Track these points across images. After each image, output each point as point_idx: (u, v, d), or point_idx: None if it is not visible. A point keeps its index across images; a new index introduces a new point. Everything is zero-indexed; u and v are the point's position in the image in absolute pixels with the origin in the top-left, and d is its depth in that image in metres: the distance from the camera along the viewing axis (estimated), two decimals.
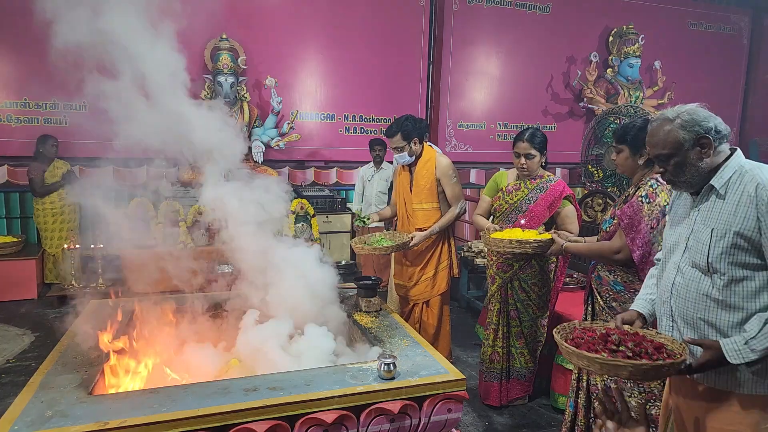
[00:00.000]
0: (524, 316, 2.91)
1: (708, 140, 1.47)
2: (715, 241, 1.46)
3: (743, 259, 1.43)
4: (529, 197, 2.82)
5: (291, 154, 5.98)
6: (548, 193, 2.78)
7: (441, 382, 1.93)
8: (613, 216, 2.22)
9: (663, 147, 1.51)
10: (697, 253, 1.51)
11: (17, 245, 4.83)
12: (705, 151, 1.48)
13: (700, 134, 1.47)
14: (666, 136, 1.50)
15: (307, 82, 6.08)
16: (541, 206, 2.79)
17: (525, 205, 2.82)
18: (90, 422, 1.59)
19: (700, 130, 1.47)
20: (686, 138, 1.48)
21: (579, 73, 6.89)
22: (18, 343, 3.78)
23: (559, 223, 2.82)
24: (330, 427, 1.76)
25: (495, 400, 2.99)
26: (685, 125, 1.48)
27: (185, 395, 1.76)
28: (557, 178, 2.84)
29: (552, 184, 2.80)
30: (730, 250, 1.44)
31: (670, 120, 1.50)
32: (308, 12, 5.92)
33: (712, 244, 1.47)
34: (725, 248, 1.44)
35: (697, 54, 7.60)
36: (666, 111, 1.55)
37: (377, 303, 2.77)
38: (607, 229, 2.25)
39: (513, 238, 2.46)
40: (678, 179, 1.53)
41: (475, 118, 6.80)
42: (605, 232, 2.26)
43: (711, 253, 1.47)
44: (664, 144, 1.51)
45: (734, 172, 1.48)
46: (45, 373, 1.94)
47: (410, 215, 3.18)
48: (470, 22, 6.55)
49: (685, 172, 1.51)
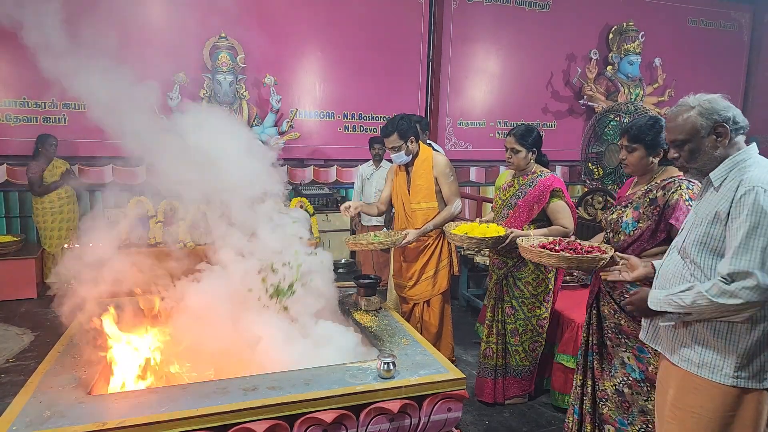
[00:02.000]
0: (519, 314, 2.90)
1: (725, 129, 1.50)
2: (694, 227, 1.55)
3: (713, 246, 1.50)
4: (519, 193, 2.83)
5: (290, 152, 5.97)
6: (536, 188, 2.77)
7: (441, 381, 1.93)
8: (637, 219, 2.08)
9: (680, 132, 1.55)
10: (680, 239, 1.61)
11: (17, 244, 4.82)
12: (720, 140, 1.51)
13: (718, 122, 1.50)
14: (684, 122, 1.54)
15: (306, 81, 6.07)
16: (528, 201, 2.79)
17: (515, 201, 2.84)
18: (88, 422, 1.59)
19: (718, 118, 1.50)
20: (703, 125, 1.51)
21: (579, 71, 6.87)
22: (18, 343, 3.78)
23: (551, 219, 2.79)
24: (329, 427, 1.76)
25: (488, 396, 2.99)
26: (704, 112, 1.51)
27: (184, 395, 1.76)
28: (549, 174, 2.82)
29: (541, 179, 2.78)
30: (703, 238, 1.51)
31: (691, 107, 1.54)
32: (307, 10, 5.90)
33: (690, 230, 1.56)
34: (699, 235, 1.52)
35: (697, 51, 7.58)
36: (687, 98, 1.58)
37: (376, 302, 2.76)
38: (631, 233, 2.10)
39: (468, 233, 2.63)
40: (690, 165, 1.57)
41: (474, 115, 6.79)
42: (628, 235, 2.10)
43: (686, 238, 1.57)
44: (681, 129, 1.54)
45: (734, 167, 1.49)
46: (44, 373, 1.94)
47: (409, 215, 3.16)
48: (470, 20, 6.53)
49: (698, 159, 1.54)
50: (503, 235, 2.64)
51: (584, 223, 4.41)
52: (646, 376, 2.10)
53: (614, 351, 2.20)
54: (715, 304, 1.42)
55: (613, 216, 2.21)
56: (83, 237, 2.52)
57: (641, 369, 2.12)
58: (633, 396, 2.15)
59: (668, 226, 2.01)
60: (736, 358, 1.48)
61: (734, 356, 1.48)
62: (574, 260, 2.07)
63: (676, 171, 2.07)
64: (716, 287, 1.42)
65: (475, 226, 2.73)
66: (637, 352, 2.12)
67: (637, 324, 2.09)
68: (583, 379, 2.32)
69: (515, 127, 2.83)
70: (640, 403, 2.13)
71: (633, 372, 2.14)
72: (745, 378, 1.48)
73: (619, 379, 2.18)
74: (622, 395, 2.18)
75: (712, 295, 1.42)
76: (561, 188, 2.76)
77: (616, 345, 2.19)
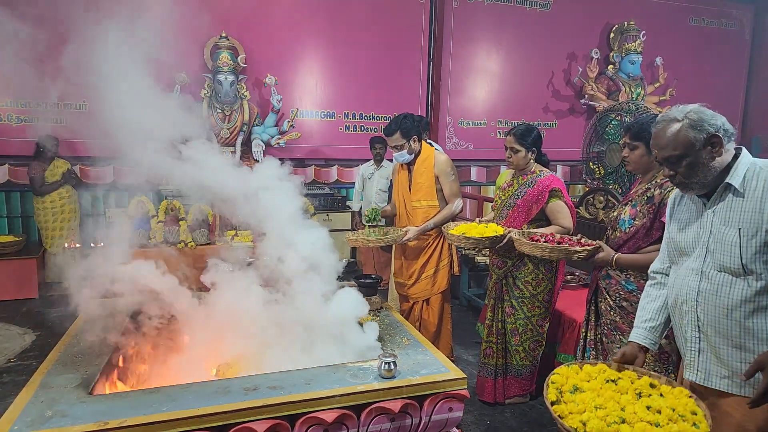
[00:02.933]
0: (519, 313, 2.89)
1: (719, 139, 1.43)
2: (746, 240, 1.41)
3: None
4: (518, 192, 2.83)
5: (291, 152, 5.97)
6: (535, 188, 2.77)
7: (442, 381, 1.92)
8: (633, 216, 2.13)
9: (674, 148, 1.46)
10: (726, 256, 1.44)
11: (18, 244, 4.83)
12: (716, 150, 1.44)
13: (711, 133, 1.43)
14: (676, 136, 1.45)
15: (307, 80, 6.07)
16: (527, 201, 2.78)
17: (514, 201, 2.84)
18: (90, 422, 1.59)
19: (710, 128, 1.43)
20: (697, 137, 1.43)
21: (580, 70, 6.86)
22: (19, 343, 3.79)
23: (551, 219, 2.79)
24: (330, 427, 1.76)
25: (489, 395, 2.99)
26: (695, 125, 1.44)
27: (185, 395, 1.76)
28: (548, 174, 2.81)
29: (540, 179, 2.78)
30: (764, 248, 1.39)
31: (678, 120, 1.46)
32: (308, 10, 5.90)
33: (742, 244, 1.41)
34: (758, 247, 1.40)
35: (698, 50, 7.57)
36: (670, 111, 1.50)
37: (378, 302, 2.76)
38: (626, 230, 2.15)
39: (466, 233, 2.64)
40: (690, 181, 1.48)
41: (475, 115, 6.78)
42: (624, 232, 2.16)
43: (744, 255, 1.41)
44: (675, 145, 1.46)
45: (748, 170, 1.45)
46: (45, 372, 1.94)
47: (410, 213, 3.17)
48: (470, 19, 6.53)
49: (697, 173, 1.46)
50: (501, 234, 2.63)
51: (586, 223, 4.40)
52: None
53: (609, 347, 2.21)
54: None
55: (613, 213, 2.27)
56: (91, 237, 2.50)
57: None
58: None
59: (662, 225, 2.01)
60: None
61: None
62: (562, 251, 2.22)
63: None
64: None
65: (473, 225, 2.73)
66: None
67: (631, 321, 2.09)
68: None
69: (515, 127, 2.84)
70: None
71: None
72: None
73: None
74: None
75: None
76: (560, 188, 2.75)
77: (611, 341, 2.21)
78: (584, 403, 1.43)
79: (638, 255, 2.12)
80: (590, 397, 1.46)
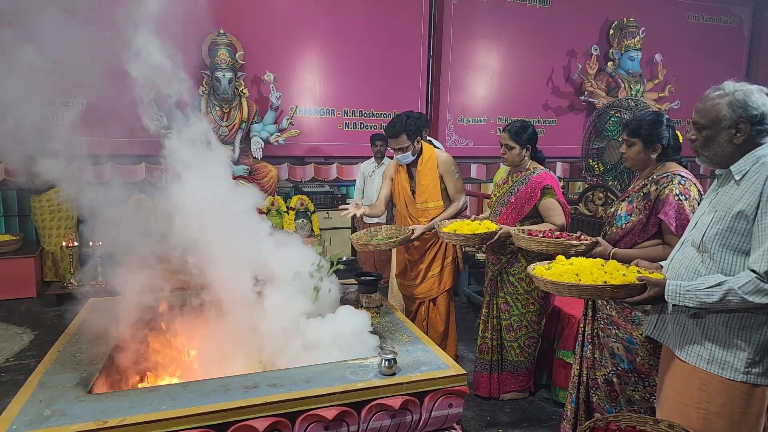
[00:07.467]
0: (513, 309, 2.91)
1: (745, 126, 1.45)
2: (716, 221, 1.49)
3: (735, 243, 1.46)
4: (512, 189, 2.83)
5: (290, 149, 5.95)
6: (527, 185, 2.77)
7: (442, 378, 1.92)
8: (630, 212, 2.13)
9: (703, 116, 1.51)
10: (697, 232, 1.56)
11: (16, 243, 4.82)
12: (738, 136, 1.46)
13: (741, 117, 1.45)
14: (712, 107, 1.49)
15: (306, 77, 6.04)
16: (520, 198, 2.78)
17: (507, 198, 2.84)
18: (89, 421, 1.58)
19: (744, 114, 1.44)
20: (727, 116, 1.46)
21: (579, 67, 6.85)
22: (17, 342, 3.78)
23: (543, 216, 2.77)
24: (331, 424, 1.75)
25: (484, 390, 3.01)
26: (734, 103, 1.45)
27: (185, 393, 1.75)
28: (542, 170, 2.79)
29: (533, 176, 2.77)
30: (725, 232, 1.47)
31: (726, 93, 1.48)
32: (307, 6, 5.88)
33: (711, 224, 1.50)
34: (721, 229, 1.47)
35: (697, 47, 7.56)
36: (728, 83, 1.51)
37: (377, 299, 2.76)
38: (623, 225, 2.15)
39: (457, 231, 2.64)
40: (702, 152, 1.54)
41: (475, 112, 6.77)
42: (620, 228, 2.16)
43: (707, 233, 1.51)
44: (706, 114, 1.50)
45: (755, 162, 1.46)
46: (43, 371, 1.93)
47: (414, 215, 3.14)
48: (470, 16, 6.51)
49: (710, 148, 1.51)
50: (491, 231, 2.61)
51: (585, 219, 4.39)
52: (634, 367, 2.13)
53: (605, 341, 2.23)
54: (747, 302, 1.38)
55: (611, 209, 2.28)
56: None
57: (629, 360, 2.14)
58: (621, 386, 2.18)
59: (658, 221, 2.03)
60: (747, 353, 1.46)
61: (746, 352, 1.46)
62: (560, 245, 2.21)
63: (675, 167, 2.08)
64: (752, 285, 1.37)
65: (466, 222, 2.72)
66: (626, 343, 2.14)
67: (626, 315, 2.12)
68: (580, 369, 2.35)
69: (510, 123, 2.83)
70: (627, 393, 2.17)
71: (622, 362, 2.17)
72: (756, 374, 1.47)
73: (608, 368, 2.22)
74: (611, 385, 2.21)
75: (746, 292, 1.37)
76: (552, 186, 2.73)
77: (606, 335, 2.22)
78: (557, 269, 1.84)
79: (635, 249, 2.12)
80: (565, 267, 1.82)
